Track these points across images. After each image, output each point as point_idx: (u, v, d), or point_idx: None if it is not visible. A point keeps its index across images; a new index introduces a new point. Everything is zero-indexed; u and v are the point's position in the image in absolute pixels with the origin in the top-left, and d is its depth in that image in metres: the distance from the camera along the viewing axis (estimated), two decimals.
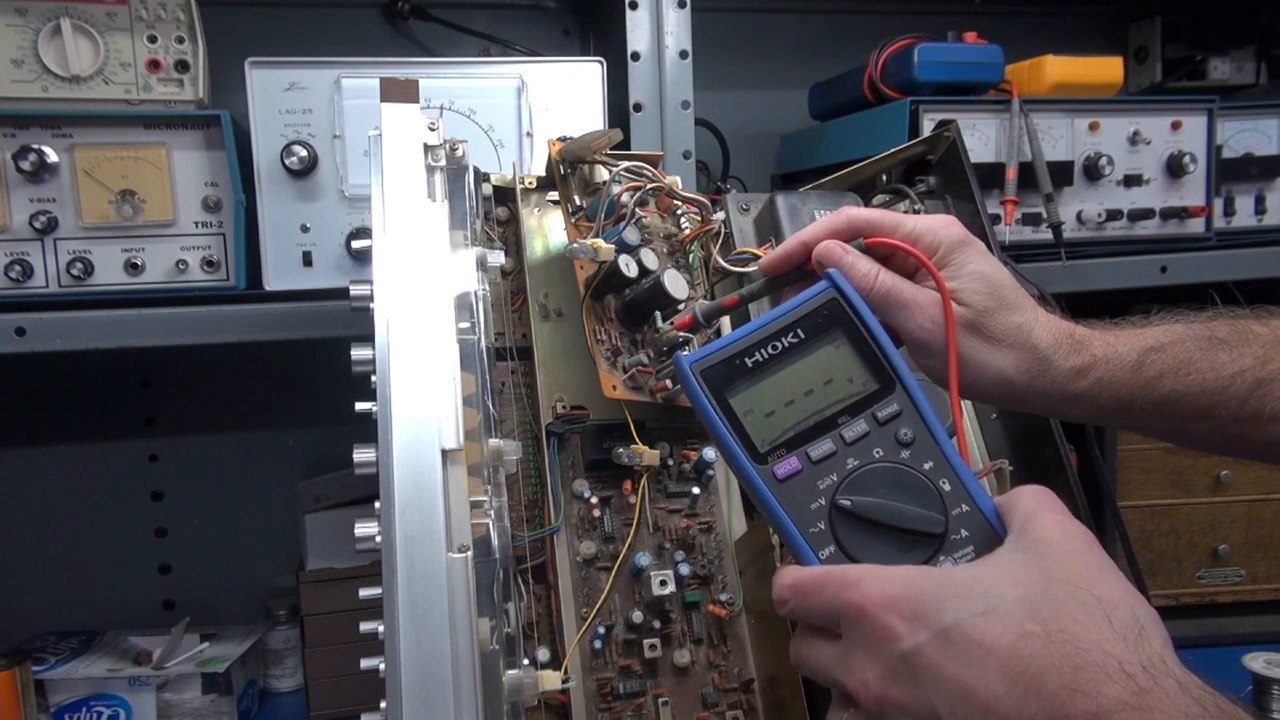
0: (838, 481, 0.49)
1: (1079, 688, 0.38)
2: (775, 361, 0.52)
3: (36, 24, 0.90)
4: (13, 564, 1.25)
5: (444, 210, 0.65)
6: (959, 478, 0.49)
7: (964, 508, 0.49)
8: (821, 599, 0.46)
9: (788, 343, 0.52)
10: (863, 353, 0.52)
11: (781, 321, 0.53)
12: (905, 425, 0.50)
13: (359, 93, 0.92)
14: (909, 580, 0.44)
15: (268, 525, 1.28)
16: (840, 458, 0.50)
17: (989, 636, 0.41)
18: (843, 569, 0.47)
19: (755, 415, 0.51)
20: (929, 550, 0.48)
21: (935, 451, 0.50)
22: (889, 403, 0.51)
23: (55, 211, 0.89)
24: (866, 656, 0.44)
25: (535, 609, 0.70)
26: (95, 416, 1.27)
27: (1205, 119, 1.12)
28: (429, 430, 0.54)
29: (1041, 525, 0.45)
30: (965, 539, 0.48)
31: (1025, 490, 0.48)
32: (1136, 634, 0.40)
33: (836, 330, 0.52)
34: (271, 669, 1.21)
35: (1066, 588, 0.41)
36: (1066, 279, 1.04)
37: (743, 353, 0.52)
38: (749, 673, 0.73)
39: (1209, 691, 0.38)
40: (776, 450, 0.50)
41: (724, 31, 1.37)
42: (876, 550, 0.48)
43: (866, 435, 0.50)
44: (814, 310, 0.53)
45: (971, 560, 0.47)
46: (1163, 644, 0.40)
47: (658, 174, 0.79)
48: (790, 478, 0.50)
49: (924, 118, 1.03)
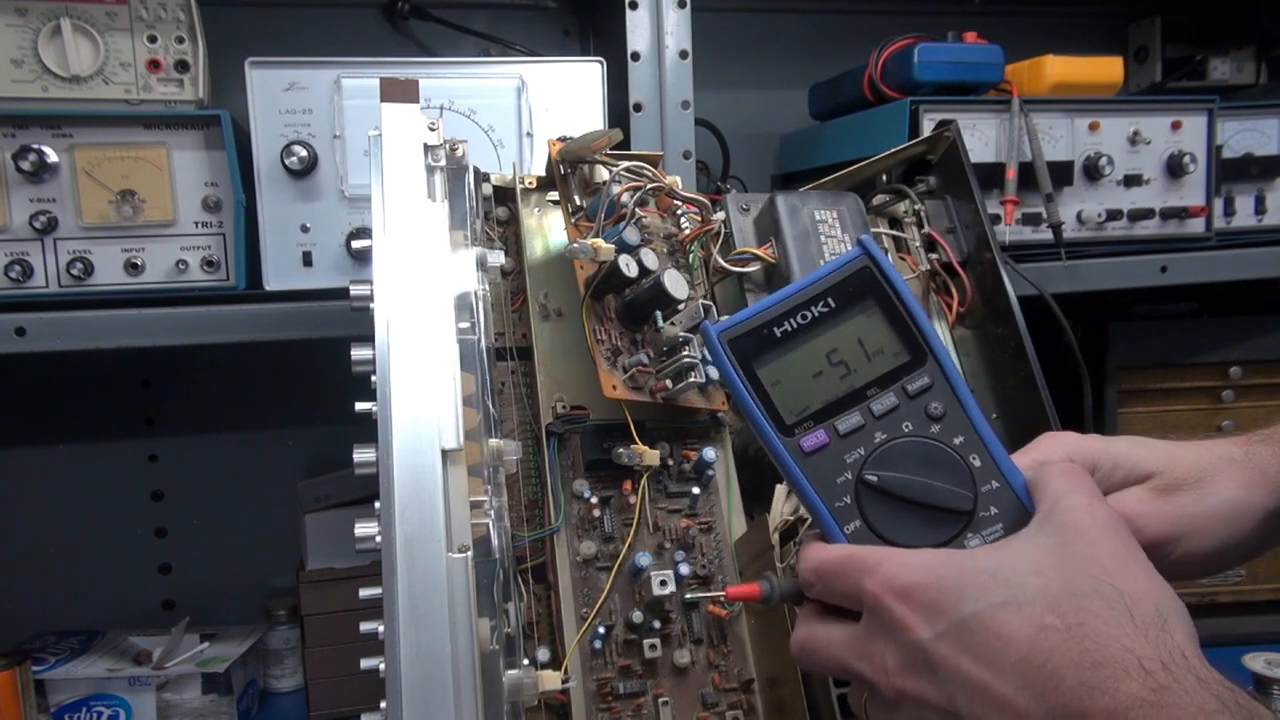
0: (865, 455, 0.48)
1: (1097, 684, 0.38)
2: (804, 331, 0.50)
3: (36, 24, 0.90)
4: (13, 564, 1.25)
5: (444, 210, 0.65)
6: (990, 453, 0.48)
7: (994, 484, 0.48)
8: (842, 582, 0.46)
9: (817, 312, 0.51)
10: (894, 323, 0.50)
11: (812, 290, 0.51)
12: (936, 399, 0.49)
13: (359, 93, 0.92)
14: (930, 567, 0.44)
15: (268, 525, 1.28)
16: (868, 431, 0.49)
17: (1008, 629, 0.40)
18: (863, 552, 0.46)
19: (783, 386, 0.50)
20: (957, 527, 0.47)
21: (966, 426, 0.49)
22: (920, 375, 0.50)
23: (55, 211, 0.89)
24: (886, 642, 0.44)
25: (535, 609, 0.70)
26: (95, 416, 1.26)
27: (1205, 119, 1.12)
28: (429, 430, 0.54)
29: (1069, 509, 0.44)
30: (995, 516, 0.47)
31: (1056, 467, 0.48)
32: (1159, 628, 0.39)
33: (868, 300, 0.51)
34: (271, 669, 1.21)
35: (1089, 580, 0.41)
36: (1066, 279, 1.04)
37: (771, 322, 0.51)
38: (749, 673, 0.72)
39: (1229, 687, 0.38)
40: (804, 423, 0.49)
41: (724, 31, 1.37)
42: (903, 526, 0.47)
43: (896, 409, 0.49)
44: (845, 279, 0.51)
45: (1000, 538, 0.46)
46: (1186, 638, 0.39)
47: (658, 174, 0.79)
48: (817, 451, 0.49)
49: (924, 118, 1.03)
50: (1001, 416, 0.87)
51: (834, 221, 0.83)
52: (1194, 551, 0.51)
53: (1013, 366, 0.85)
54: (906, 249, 0.92)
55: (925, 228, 0.92)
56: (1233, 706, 0.37)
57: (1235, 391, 1.22)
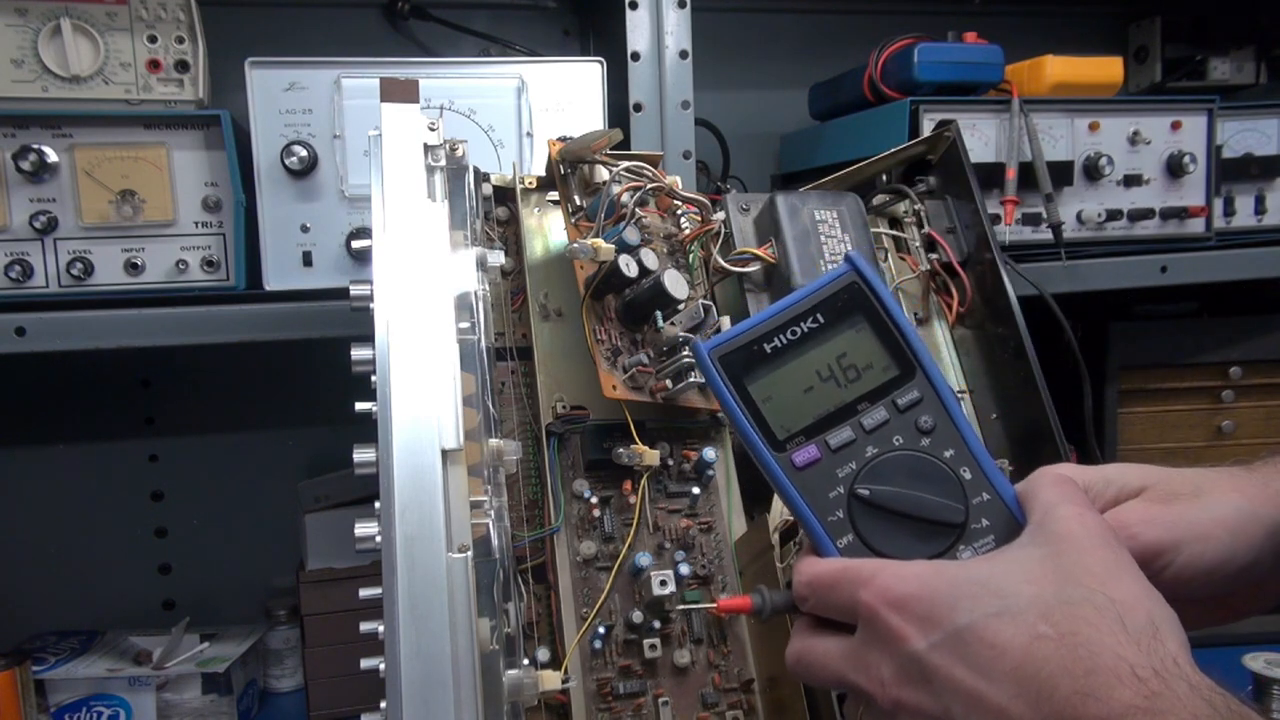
0: (856, 470, 0.49)
1: (1090, 692, 0.38)
2: (794, 347, 0.51)
3: (36, 24, 0.90)
4: (13, 564, 1.25)
5: (444, 210, 0.65)
6: (980, 466, 0.49)
7: (985, 496, 0.48)
8: (837, 595, 0.46)
9: (807, 328, 0.51)
10: (883, 338, 0.51)
11: (801, 306, 0.52)
12: (926, 412, 0.50)
13: (359, 93, 0.92)
14: (923, 579, 0.44)
15: (268, 525, 1.28)
16: (859, 445, 0.49)
17: (1002, 638, 0.40)
18: (858, 564, 0.46)
19: (774, 402, 0.50)
20: (949, 540, 0.48)
21: (956, 439, 0.49)
22: (909, 389, 0.50)
23: (55, 211, 0.89)
24: (881, 654, 0.44)
25: (535, 609, 0.70)
26: (95, 416, 1.27)
27: (1205, 119, 1.12)
28: (429, 430, 0.54)
29: (1060, 519, 0.44)
30: (986, 528, 0.48)
31: (1046, 477, 0.48)
32: (1151, 636, 0.39)
33: (857, 315, 0.51)
34: (271, 669, 1.21)
35: (1081, 589, 0.41)
36: (1066, 279, 1.04)
37: (761, 338, 0.51)
38: (749, 673, 0.72)
39: (1220, 693, 0.38)
40: (795, 438, 0.50)
41: (724, 31, 1.37)
42: (896, 540, 0.48)
43: (886, 423, 0.50)
44: (834, 294, 0.52)
45: (992, 549, 0.47)
46: (1178, 646, 0.40)
47: (658, 174, 0.79)
48: (809, 466, 0.49)
49: (924, 118, 1.03)
50: (1001, 416, 0.87)
51: (834, 221, 0.83)
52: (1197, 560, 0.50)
53: (1013, 366, 0.85)
54: (906, 249, 0.92)
55: (925, 228, 0.91)
56: (1225, 712, 0.37)
57: (1235, 391, 1.22)
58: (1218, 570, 0.50)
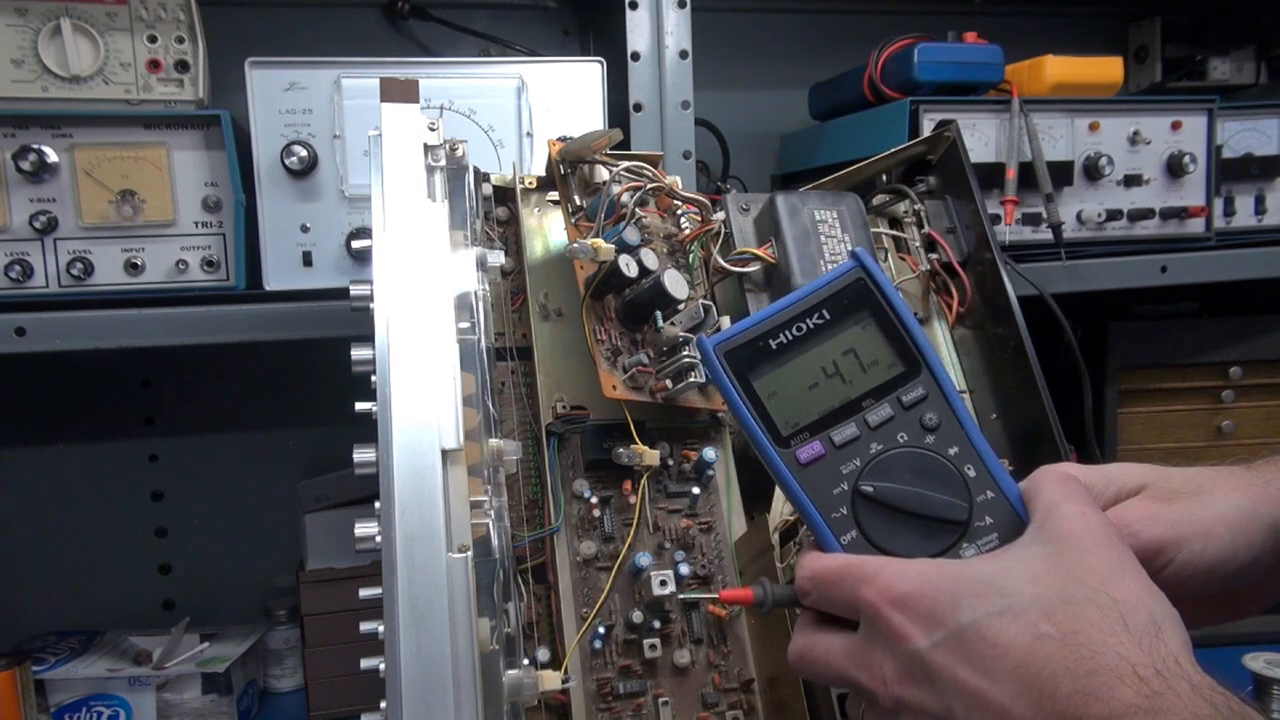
0: (860, 466, 0.49)
1: (1092, 692, 0.38)
2: (800, 343, 0.51)
3: (36, 24, 0.90)
4: (13, 564, 1.25)
5: (444, 210, 0.65)
6: (984, 463, 0.49)
7: (989, 494, 0.48)
8: (840, 592, 0.46)
9: (812, 324, 0.51)
10: (889, 335, 0.51)
11: (806, 302, 0.52)
12: (930, 410, 0.50)
13: (359, 93, 0.92)
14: (926, 577, 0.44)
15: (268, 525, 1.28)
16: (864, 442, 0.50)
17: (1004, 637, 0.40)
18: (860, 561, 0.46)
19: (779, 398, 0.50)
20: (952, 537, 0.48)
21: (960, 436, 0.49)
22: (914, 386, 0.50)
23: (55, 211, 0.89)
24: (883, 652, 0.44)
25: (535, 609, 0.70)
26: (95, 416, 1.26)
27: (1205, 119, 1.12)
28: (429, 430, 0.54)
29: (1063, 518, 0.44)
30: (989, 526, 0.48)
31: (1049, 475, 0.48)
32: (1153, 636, 0.39)
33: (862, 311, 0.51)
34: (271, 669, 1.21)
35: (1084, 589, 0.41)
36: (1066, 279, 1.04)
37: (767, 334, 0.51)
38: (749, 673, 0.72)
39: (1221, 693, 0.38)
40: (800, 434, 0.50)
41: (724, 31, 1.36)
42: (899, 537, 0.48)
43: (891, 420, 0.50)
44: (839, 291, 0.52)
45: (995, 547, 0.47)
46: (1180, 645, 0.40)
47: (658, 174, 0.79)
48: (813, 462, 0.49)
49: (924, 118, 1.02)
50: (1001, 416, 0.87)
51: (834, 221, 0.83)
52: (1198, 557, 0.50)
53: (1013, 366, 0.85)
54: (906, 249, 0.92)
55: (925, 228, 0.91)
56: (1225, 712, 0.37)
57: (1235, 391, 1.22)
58: (1218, 568, 0.50)
